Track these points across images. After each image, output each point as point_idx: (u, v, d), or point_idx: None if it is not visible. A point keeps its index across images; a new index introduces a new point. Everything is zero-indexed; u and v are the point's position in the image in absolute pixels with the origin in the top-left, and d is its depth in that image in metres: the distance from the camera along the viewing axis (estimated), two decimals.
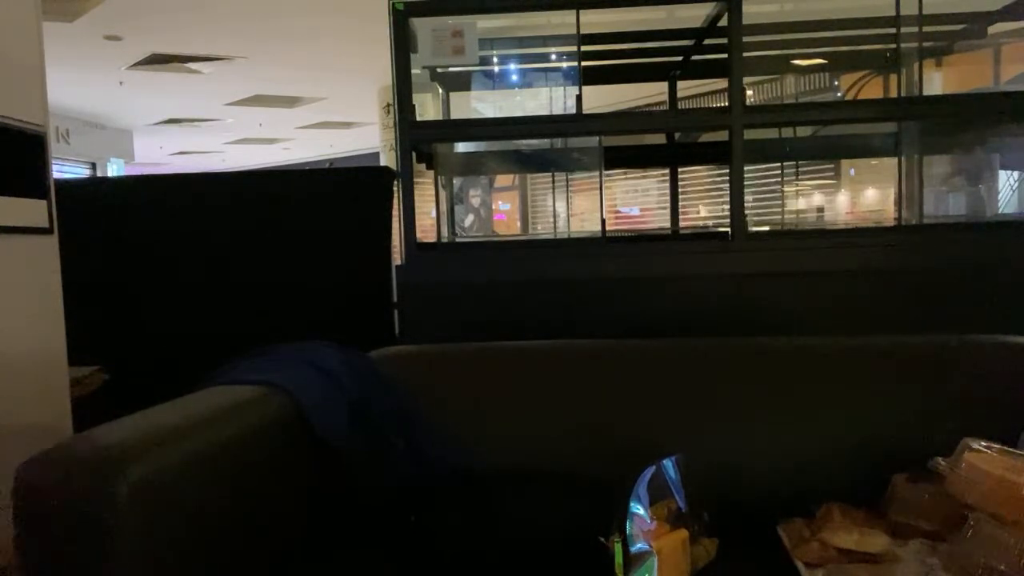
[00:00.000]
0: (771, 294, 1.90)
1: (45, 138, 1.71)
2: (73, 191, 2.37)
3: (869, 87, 3.06)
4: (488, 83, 2.95)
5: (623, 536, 1.00)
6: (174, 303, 2.33)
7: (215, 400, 1.18)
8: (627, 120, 2.76)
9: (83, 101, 8.64)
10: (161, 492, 0.92)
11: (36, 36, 1.70)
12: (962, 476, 1.05)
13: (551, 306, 1.95)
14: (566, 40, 2.60)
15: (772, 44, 2.85)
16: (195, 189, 2.46)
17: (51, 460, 0.91)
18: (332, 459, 1.26)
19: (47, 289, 1.73)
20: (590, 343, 1.58)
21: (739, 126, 1.92)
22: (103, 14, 5.73)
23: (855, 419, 1.37)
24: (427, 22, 1.99)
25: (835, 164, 6.49)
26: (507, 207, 9.97)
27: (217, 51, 6.97)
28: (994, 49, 3.39)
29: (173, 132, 10.91)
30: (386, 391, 1.41)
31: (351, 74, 7.61)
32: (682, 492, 1.10)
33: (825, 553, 1.08)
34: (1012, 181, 2.98)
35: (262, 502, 1.14)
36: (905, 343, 1.48)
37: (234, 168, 13.53)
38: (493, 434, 1.43)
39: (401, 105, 2.00)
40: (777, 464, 1.35)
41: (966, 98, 2.17)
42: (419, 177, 2.14)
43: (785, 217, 4.24)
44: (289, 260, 2.30)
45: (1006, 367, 1.40)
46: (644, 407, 1.43)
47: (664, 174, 3.94)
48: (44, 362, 1.71)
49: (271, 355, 1.39)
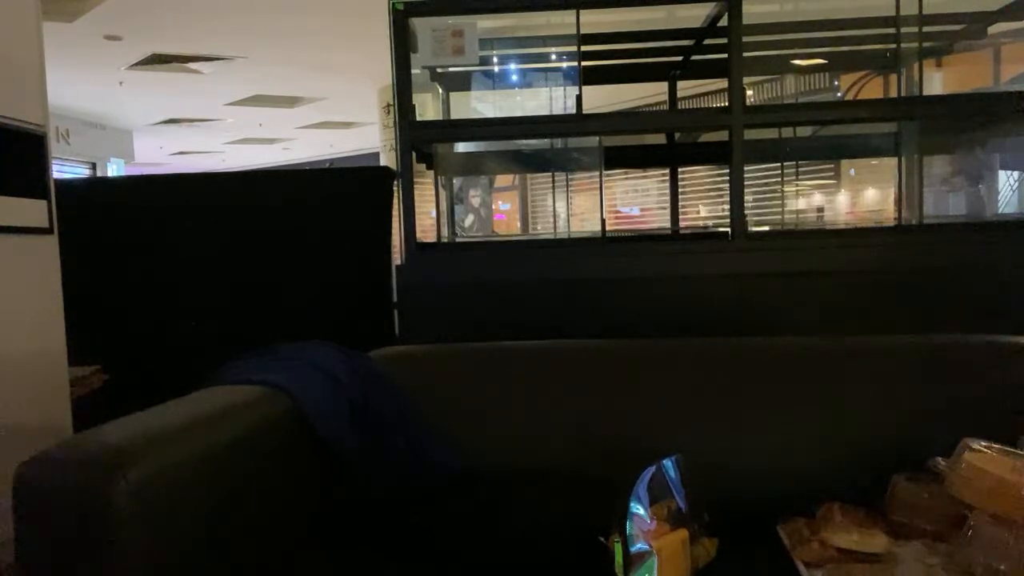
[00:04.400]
0: (771, 294, 1.90)
1: (45, 138, 1.71)
2: (73, 191, 2.37)
3: (869, 87, 3.07)
4: (488, 83, 2.95)
5: (623, 536, 1.00)
6: (173, 303, 2.33)
7: (215, 400, 1.18)
8: (627, 120, 2.76)
9: (83, 101, 8.64)
10: (161, 492, 0.92)
11: (36, 36, 1.70)
12: (962, 476, 1.05)
13: (551, 306, 1.95)
14: (566, 40, 2.60)
15: (772, 44, 2.85)
16: (195, 189, 2.46)
17: (51, 460, 0.91)
18: (332, 459, 1.26)
19: (47, 289, 1.73)
20: (590, 343, 1.58)
21: (739, 126, 1.92)
22: (103, 14, 5.73)
23: (855, 419, 1.37)
24: (427, 22, 1.99)
25: (835, 164, 6.49)
26: (507, 207, 9.97)
27: (217, 51, 6.98)
28: (994, 49, 3.39)
29: (173, 132, 10.91)
30: (386, 391, 1.41)
31: (351, 74, 7.61)
32: (682, 492, 1.10)
33: (825, 553, 1.08)
34: (1012, 181, 2.98)
35: (262, 502, 1.14)
36: (905, 343, 1.48)
37: (234, 168, 13.53)
38: (493, 434, 1.43)
39: (401, 105, 2.01)
40: (777, 464, 1.35)
41: (966, 98, 2.17)
42: (419, 177, 2.14)
43: (785, 217, 4.24)
44: (289, 260, 2.30)
45: (1006, 367, 1.40)
46: (644, 407, 1.42)
47: (664, 174, 3.94)
48: (44, 362, 1.71)
49: (271, 355, 1.39)
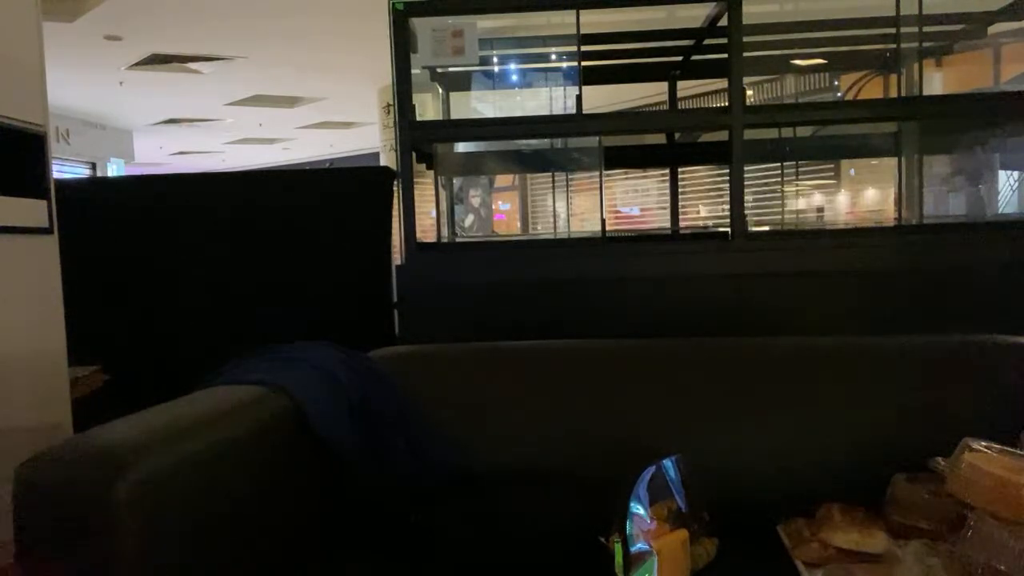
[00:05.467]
0: (771, 294, 1.90)
1: (45, 138, 1.71)
2: (73, 191, 2.37)
3: (869, 87, 3.06)
4: (488, 83, 2.95)
5: (623, 536, 1.00)
6: (174, 303, 2.33)
7: (215, 400, 1.18)
8: (627, 120, 2.77)
9: (83, 101, 8.64)
10: (161, 492, 0.91)
11: (36, 36, 1.70)
12: (962, 476, 1.05)
13: (551, 306, 1.95)
14: (566, 40, 2.60)
15: (772, 44, 2.85)
16: (194, 189, 2.46)
17: (51, 460, 0.91)
18: (332, 459, 1.26)
19: (47, 289, 1.73)
20: (590, 343, 1.58)
21: (739, 126, 1.92)
22: (103, 14, 5.73)
23: (855, 419, 1.37)
24: (427, 22, 1.99)
25: (835, 164, 6.49)
26: (507, 207, 9.97)
27: (217, 51, 6.97)
28: (994, 49, 3.39)
29: (173, 132, 10.91)
30: (386, 391, 1.41)
31: (351, 74, 7.61)
32: (682, 492, 1.10)
33: (825, 553, 1.08)
34: (1012, 181, 2.98)
35: (262, 502, 1.14)
36: (905, 343, 1.48)
37: (234, 168, 13.53)
38: (493, 434, 1.43)
39: (401, 105, 2.01)
40: (777, 464, 1.35)
41: (966, 98, 2.17)
42: (419, 177, 2.14)
43: (785, 217, 4.23)
44: (289, 260, 2.30)
45: (1006, 367, 1.40)
46: (644, 407, 1.42)
47: (664, 174, 3.94)
48: (44, 362, 1.71)
49: (271, 355, 1.39)
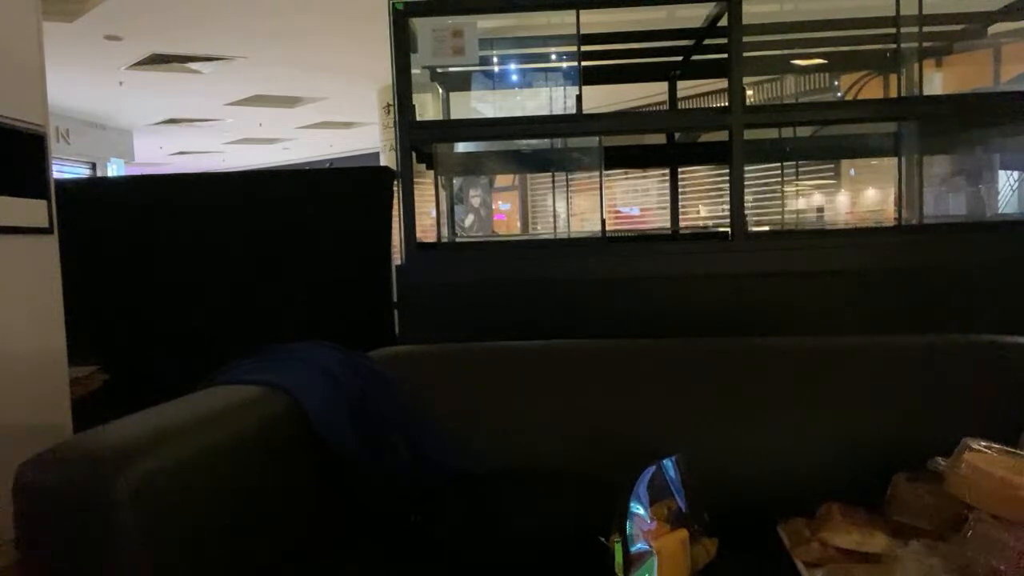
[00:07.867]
0: (771, 294, 1.90)
1: (45, 138, 1.71)
2: (73, 191, 2.37)
3: (869, 87, 3.07)
4: (488, 83, 2.95)
5: (623, 536, 1.00)
6: (174, 303, 2.33)
7: (215, 400, 1.18)
8: (627, 120, 2.77)
9: (83, 101, 8.64)
10: (161, 492, 0.92)
11: (36, 36, 1.70)
12: (962, 476, 1.05)
13: (551, 306, 1.95)
14: (566, 40, 2.60)
15: (772, 44, 2.85)
16: (194, 189, 2.46)
17: (51, 460, 0.91)
18: (332, 459, 1.26)
19: (47, 289, 1.73)
20: (590, 343, 1.58)
21: (739, 126, 1.92)
22: (103, 14, 5.74)
23: (855, 419, 1.37)
24: (427, 22, 2.00)
25: (835, 164, 6.49)
26: (507, 207, 9.97)
27: (217, 51, 6.97)
28: (994, 49, 3.39)
29: (173, 132, 10.91)
30: (386, 391, 1.41)
31: (351, 74, 7.62)
32: (682, 492, 1.09)
33: (825, 553, 1.08)
34: (1012, 181, 2.98)
35: (262, 502, 1.14)
36: (905, 343, 1.48)
37: (234, 168, 13.53)
38: (493, 434, 1.43)
39: (401, 105, 2.01)
40: (777, 464, 1.35)
41: (966, 98, 2.17)
42: (419, 177, 2.14)
43: (785, 217, 4.24)
44: (289, 260, 2.30)
45: (1006, 367, 1.40)
46: (644, 407, 1.42)
47: (664, 174, 3.94)
48: (44, 362, 1.71)
49: (271, 355, 1.39)
